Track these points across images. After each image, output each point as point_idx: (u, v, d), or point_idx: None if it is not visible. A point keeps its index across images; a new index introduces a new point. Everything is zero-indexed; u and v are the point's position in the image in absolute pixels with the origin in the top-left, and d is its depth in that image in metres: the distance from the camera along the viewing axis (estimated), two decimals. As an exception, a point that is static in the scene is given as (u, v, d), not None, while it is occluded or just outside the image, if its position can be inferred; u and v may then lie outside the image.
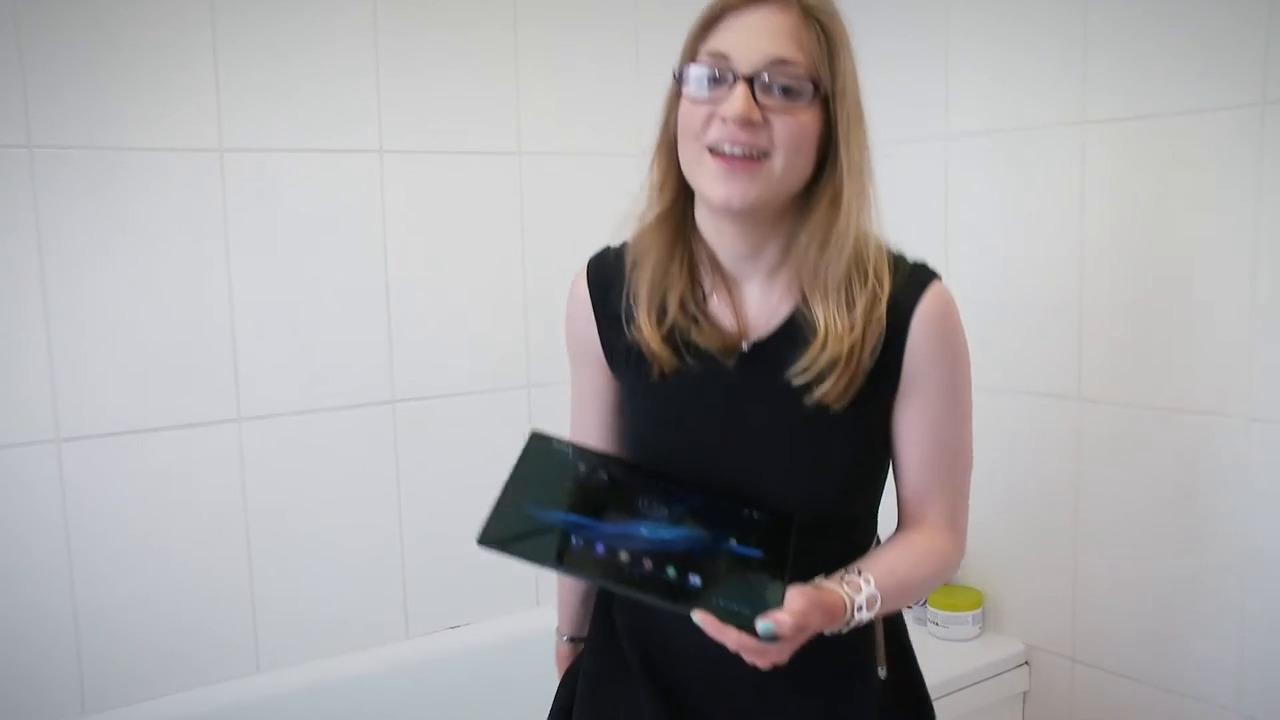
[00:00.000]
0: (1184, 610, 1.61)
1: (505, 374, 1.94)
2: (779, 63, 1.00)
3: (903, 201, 1.90)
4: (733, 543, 1.00)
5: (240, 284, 1.67)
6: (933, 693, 1.66)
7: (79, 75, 1.51)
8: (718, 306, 1.10)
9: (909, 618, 1.91)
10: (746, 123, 0.99)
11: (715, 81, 1.01)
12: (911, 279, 1.06)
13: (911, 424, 1.09)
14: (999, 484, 1.84)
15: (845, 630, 1.01)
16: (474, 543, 0.95)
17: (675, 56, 1.06)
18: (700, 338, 1.08)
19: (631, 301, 1.11)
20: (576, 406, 1.24)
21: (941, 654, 1.79)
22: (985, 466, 1.81)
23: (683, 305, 1.09)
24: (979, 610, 1.86)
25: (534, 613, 1.94)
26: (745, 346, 1.08)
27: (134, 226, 1.57)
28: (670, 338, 1.09)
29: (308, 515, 1.76)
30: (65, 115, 1.51)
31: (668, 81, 1.08)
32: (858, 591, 1.00)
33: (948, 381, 1.09)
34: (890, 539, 1.14)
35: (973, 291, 1.86)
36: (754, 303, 1.10)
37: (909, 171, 1.91)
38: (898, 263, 1.08)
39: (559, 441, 1.08)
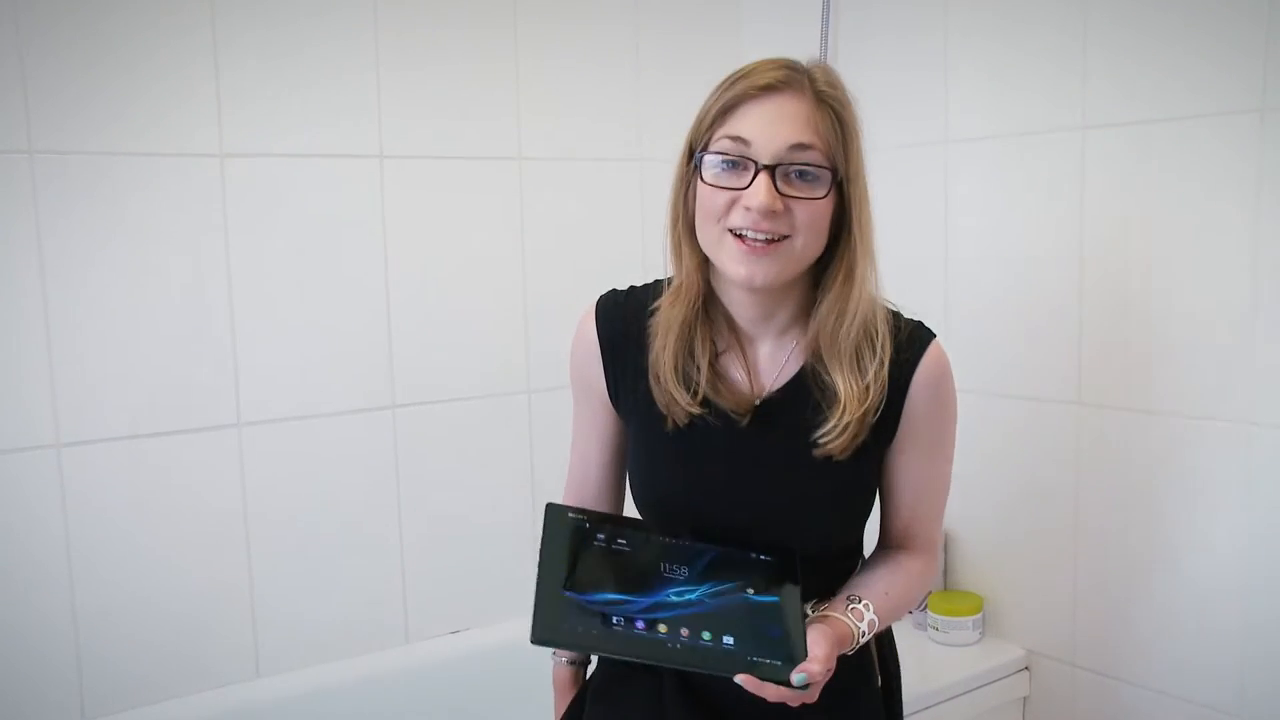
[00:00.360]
0: (1185, 614, 1.61)
1: (506, 379, 1.94)
2: (798, 148, 1.06)
3: (903, 206, 1.91)
4: (750, 593, 1.08)
5: (240, 289, 1.67)
6: (933, 698, 1.66)
7: (79, 80, 1.51)
8: (730, 362, 1.18)
9: (910, 623, 1.91)
10: (770, 213, 1.05)
11: (733, 166, 1.07)
12: (911, 340, 1.15)
13: (905, 468, 1.19)
14: (999, 488, 1.84)
15: (850, 653, 1.12)
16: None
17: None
18: (718, 398, 1.15)
19: (658, 371, 1.16)
20: (579, 438, 1.30)
21: (942, 659, 1.79)
22: (985, 471, 1.82)
23: (706, 373, 1.15)
24: (979, 615, 1.85)
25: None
26: (757, 402, 1.16)
27: (135, 231, 1.57)
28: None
29: (308, 520, 1.75)
30: (66, 120, 1.51)
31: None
32: (861, 619, 1.12)
33: (939, 432, 1.19)
34: (877, 560, 1.24)
35: (972, 296, 1.86)
36: (765, 359, 1.18)
37: (909, 176, 1.91)
38: (896, 320, 1.16)
39: (573, 511, 1.14)
